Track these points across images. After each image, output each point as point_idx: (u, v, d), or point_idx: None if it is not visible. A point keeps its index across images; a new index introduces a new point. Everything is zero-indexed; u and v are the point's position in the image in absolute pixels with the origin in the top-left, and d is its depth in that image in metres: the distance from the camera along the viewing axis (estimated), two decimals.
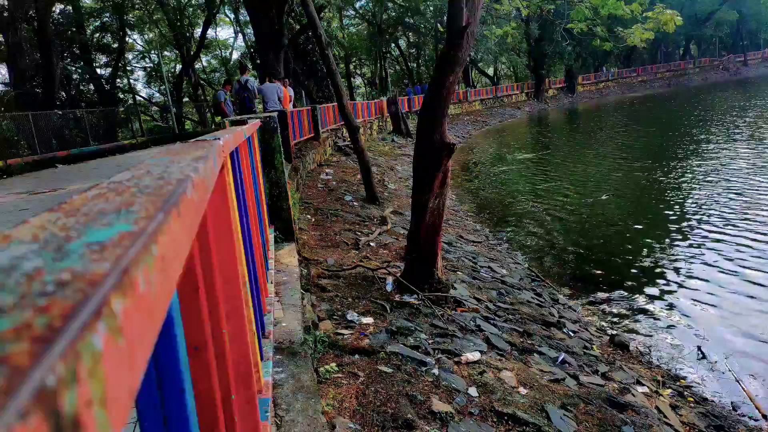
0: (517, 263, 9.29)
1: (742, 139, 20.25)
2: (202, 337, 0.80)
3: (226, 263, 1.27)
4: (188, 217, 0.48)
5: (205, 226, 0.97)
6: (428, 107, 5.68)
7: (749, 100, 36.37)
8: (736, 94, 42.22)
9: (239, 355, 1.32)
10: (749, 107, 31.53)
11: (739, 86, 51.50)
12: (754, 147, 18.36)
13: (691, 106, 39.29)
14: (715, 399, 4.99)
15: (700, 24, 69.14)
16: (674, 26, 16.22)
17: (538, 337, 5.41)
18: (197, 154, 0.80)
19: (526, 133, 36.28)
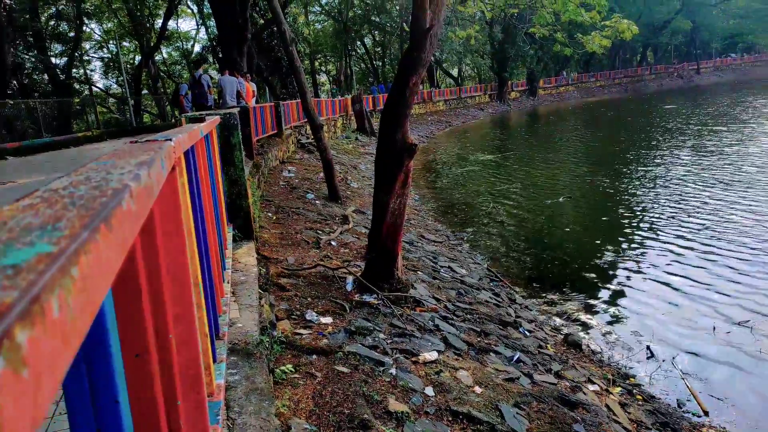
0: (476, 263, 9.42)
1: (686, 146, 21.04)
2: (143, 343, 0.79)
3: (176, 266, 1.25)
4: (122, 230, 0.48)
5: (152, 231, 0.95)
6: (391, 107, 5.70)
7: (698, 107, 37.77)
8: (687, 102, 43.79)
9: (188, 358, 1.30)
10: (696, 115, 32.76)
11: (691, 93, 53.44)
12: (696, 154, 19.10)
13: (646, 112, 40.57)
14: (662, 397, 5.18)
15: (656, 32, 71.46)
16: (631, 35, 16.79)
17: (495, 337, 5.51)
18: (142, 159, 0.79)
19: (488, 134, 36.78)
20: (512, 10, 19.46)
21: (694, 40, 79.73)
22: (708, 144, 20.74)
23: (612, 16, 17.41)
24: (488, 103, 52.97)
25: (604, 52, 45.79)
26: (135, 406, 0.78)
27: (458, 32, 30.09)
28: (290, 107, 16.68)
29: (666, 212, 11.94)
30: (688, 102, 43.30)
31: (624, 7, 47.95)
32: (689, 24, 72.62)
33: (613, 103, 52.72)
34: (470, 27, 30.73)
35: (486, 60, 55.82)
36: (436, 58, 47.90)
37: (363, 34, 47.49)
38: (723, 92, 50.02)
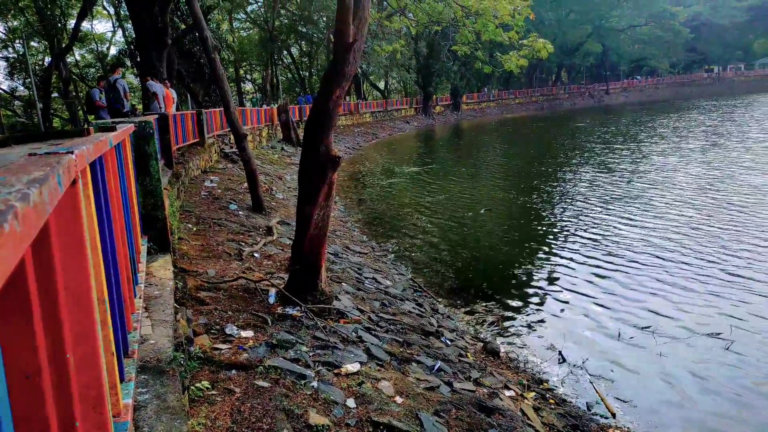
0: (401, 274, 9.55)
1: (590, 164, 22.41)
2: (35, 363, 0.76)
3: (76, 283, 1.21)
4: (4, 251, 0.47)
5: (47, 247, 0.92)
6: (315, 119, 5.71)
7: (605, 126, 40.30)
8: (596, 121, 46.60)
9: (90, 378, 1.26)
10: (602, 134, 34.95)
11: (601, 113, 56.96)
12: (599, 171, 20.38)
13: (560, 130, 42.82)
14: (572, 400, 5.45)
15: (570, 54, 75.83)
16: (546, 54, 17.71)
17: (417, 347, 5.60)
18: (35, 175, 0.76)
19: (414, 147, 37.48)
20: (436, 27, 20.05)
21: (604, 62, 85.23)
22: (609, 162, 22.17)
23: (529, 35, 18.36)
24: (414, 116, 54.03)
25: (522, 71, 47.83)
26: (25, 428, 0.75)
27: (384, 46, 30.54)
28: (213, 115, 16.26)
29: (575, 225, 12.63)
30: (597, 121, 46.09)
31: (540, 29, 50.49)
32: (599, 47, 77.62)
33: (530, 119, 55.26)
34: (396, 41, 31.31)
35: (412, 74, 56.96)
36: (362, 70, 48.35)
37: (290, 43, 47.16)
38: (628, 112, 53.65)
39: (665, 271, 9.00)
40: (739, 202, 13.25)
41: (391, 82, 65.44)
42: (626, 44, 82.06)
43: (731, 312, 7.30)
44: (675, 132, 31.55)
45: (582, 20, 73.17)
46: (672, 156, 22.17)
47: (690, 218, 12.21)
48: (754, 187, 15.01)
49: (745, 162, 19.19)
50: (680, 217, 12.40)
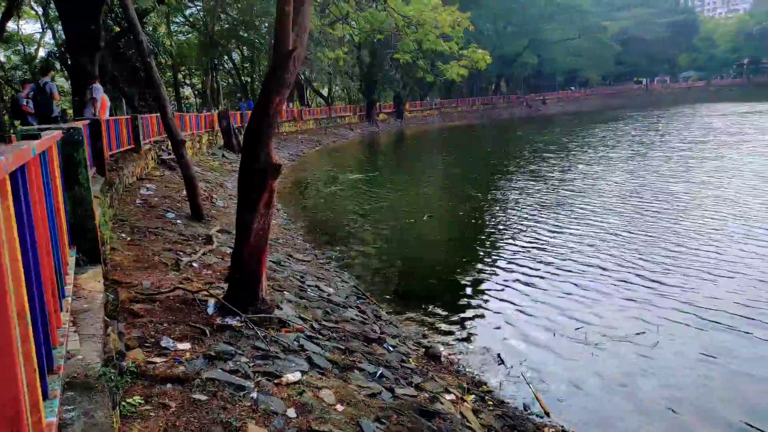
0: (344, 281, 9.55)
1: (525, 172, 23.21)
2: None
3: None
4: None
5: None
6: (254, 126, 5.65)
7: (540, 136, 41.79)
8: (532, 130, 48.26)
9: (7, 397, 1.21)
10: (537, 142, 36.23)
11: (536, 122, 59.00)
12: (534, 180, 21.14)
13: (499, 138, 44.08)
14: (510, 401, 5.61)
15: (508, 64, 78.22)
16: (485, 64, 18.23)
17: (360, 354, 5.62)
18: None
19: (358, 154, 37.60)
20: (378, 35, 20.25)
21: (540, 73, 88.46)
22: (541, 170, 23.00)
23: (469, 46, 18.84)
24: (358, 123, 54.17)
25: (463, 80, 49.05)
26: None
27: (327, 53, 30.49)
28: (149, 120, 15.76)
29: (511, 232, 13.02)
30: (534, 130, 47.74)
31: (480, 40, 51.85)
32: (536, 59, 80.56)
33: (471, 128, 56.55)
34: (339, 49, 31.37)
35: (355, 81, 57.20)
36: (305, 77, 48.12)
37: (231, 48, 46.34)
38: (562, 122, 55.85)
39: (594, 276, 9.40)
40: (658, 210, 14.01)
41: (335, 89, 65.44)
42: (560, 56, 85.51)
43: (655, 313, 7.70)
44: (602, 141, 33.06)
45: (519, 33, 75.70)
46: (598, 165, 23.21)
47: (612, 225, 12.78)
48: (671, 194, 15.96)
49: (665, 171, 20.34)
50: (604, 223, 12.95)
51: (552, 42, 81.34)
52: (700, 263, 9.61)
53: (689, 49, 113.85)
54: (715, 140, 29.48)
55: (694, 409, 5.47)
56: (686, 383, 5.92)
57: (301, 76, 44.83)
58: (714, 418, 5.31)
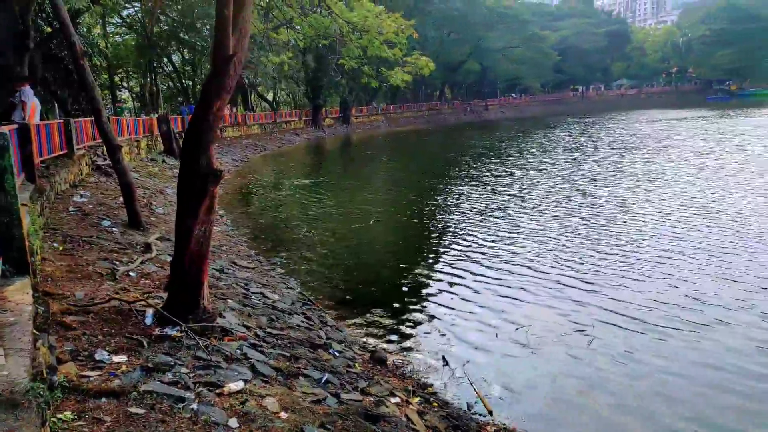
0: (290, 288, 9.45)
1: (468, 176, 23.74)
2: None
3: None
4: None
5: None
6: (194, 131, 5.53)
7: (482, 141, 42.77)
8: (475, 135, 49.30)
9: None
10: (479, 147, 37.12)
11: (480, 127, 60.29)
12: (475, 185, 21.65)
13: (444, 143, 44.81)
14: (454, 401, 5.71)
15: (452, 71, 79.69)
16: (429, 71, 18.54)
17: (305, 360, 5.58)
18: None
19: (304, 159, 37.33)
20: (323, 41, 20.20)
21: (483, 80, 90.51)
22: (483, 175, 23.55)
23: (413, 52, 19.08)
24: (304, 128, 53.77)
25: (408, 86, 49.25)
26: None
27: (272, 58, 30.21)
28: (83, 125, 15.11)
29: (455, 235, 13.27)
30: (476, 135, 48.77)
31: (424, 47, 52.62)
32: (479, 66, 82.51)
33: (417, 133, 57.20)
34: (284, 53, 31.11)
35: (301, 86, 56.79)
36: (250, 81, 47.37)
37: (170, 51, 45.08)
38: (503, 128, 57.29)
39: (532, 279, 9.70)
40: (589, 214, 14.56)
41: (280, 93, 64.71)
42: (502, 64, 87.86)
43: (589, 313, 8.03)
44: (539, 147, 34.14)
45: (462, 40, 77.33)
46: (534, 170, 23.92)
47: (547, 229, 13.21)
48: (601, 198, 16.67)
49: (596, 176, 21.21)
50: (539, 228, 13.36)
51: (494, 50, 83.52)
52: (628, 265, 10.09)
53: (622, 58, 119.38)
54: (643, 146, 30.97)
55: (625, 405, 5.73)
56: (618, 380, 6.18)
57: (245, 80, 44.12)
58: (643, 413, 5.58)
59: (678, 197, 16.09)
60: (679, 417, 5.41)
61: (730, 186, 17.49)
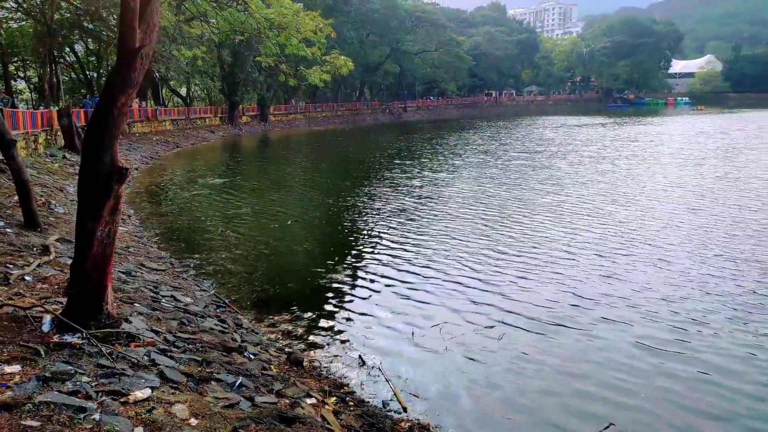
0: (203, 290, 9.17)
1: (383, 178, 24.10)
2: None
3: None
4: None
5: None
6: (97, 127, 5.23)
7: (401, 141, 43.47)
8: (392, 136, 49.95)
9: None
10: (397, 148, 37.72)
11: (398, 128, 61.14)
12: (392, 187, 22.03)
13: (363, 144, 45.07)
14: (370, 400, 5.77)
15: (371, 72, 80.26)
16: (347, 71, 18.57)
17: (218, 365, 5.44)
18: None
19: (219, 157, 36.22)
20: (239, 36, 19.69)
21: (401, 82, 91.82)
22: (396, 176, 24.02)
23: (332, 52, 19.03)
24: (219, 125, 52.15)
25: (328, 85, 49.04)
26: None
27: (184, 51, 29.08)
28: None
29: (371, 236, 13.42)
30: (394, 136, 49.41)
31: (344, 47, 52.68)
32: (397, 68, 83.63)
33: (336, 132, 57.11)
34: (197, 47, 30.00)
35: (216, 82, 55.04)
36: (161, 75, 45.31)
37: (73, 40, 42.18)
38: (420, 129, 58.39)
39: (446, 276, 10.02)
40: (496, 215, 15.17)
41: (194, 89, 62.35)
42: (420, 67, 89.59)
43: (500, 308, 8.40)
44: (452, 150, 35.08)
45: (381, 42, 78.13)
46: (446, 172, 24.50)
47: (458, 229, 13.61)
48: (504, 200, 17.45)
49: (501, 178, 22.15)
50: (450, 228, 13.76)
51: (412, 53, 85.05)
52: (529, 266, 10.57)
53: (531, 66, 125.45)
54: (547, 151, 32.62)
55: (534, 397, 6.05)
56: (527, 372, 6.52)
57: (156, 73, 42.17)
58: (551, 404, 5.93)
59: (574, 200, 17.06)
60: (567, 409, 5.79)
61: (622, 190, 18.80)
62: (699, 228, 13.17)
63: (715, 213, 14.76)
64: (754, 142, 35.04)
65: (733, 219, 13.98)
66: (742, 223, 13.45)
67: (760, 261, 10.47)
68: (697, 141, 36.62)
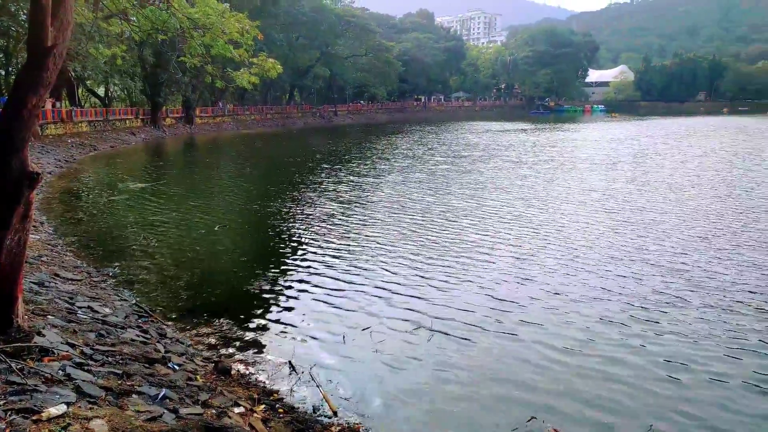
0: (123, 300, 8.79)
1: (312, 182, 24.06)
2: None
3: None
4: None
5: None
6: (5, 129, 4.92)
7: (330, 145, 43.40)
8: (323, 140, 49.79)
9: None
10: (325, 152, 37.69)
11: (329, 132, 61.01)
12: (322, 191, 22.03)
13: (294, 147, 44.67)
14: (300, 406, 5.75)
15: (301, 75, 79.62)
16: (276, 74, 18.31)
17: (140, 377, 5.25)
18: None
19: (141, 161, 34.74)
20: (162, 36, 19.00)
21: (332, 86, 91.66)
22: (325, 181, 24.03)
23: (260, 54, 18.72)
24: (141, 128, 49.97)
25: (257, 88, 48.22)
26: None
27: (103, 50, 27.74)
28: None
29: (299, 240, 13.36)
30: (324, 140, 49.25)
31: (273, 50, 52.03)
32: (327, 72, 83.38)
33: (266, 136, 56.19)
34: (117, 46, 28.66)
35: (137, 82, 52.75)
36: (77, 74, 42.92)
37: None
38: (351, 133, 58.58)
39: (374, 280, 10.12)
40: (417, 220, 15.38)
41: (113, 89, 59.43)
42: (350, 71, 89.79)
43: (425, 312, 8.55)
44: (380, 154, 35.35)
45: (311, 45, 77.66)
46: (371, 177, 24.58)
47: (382, 234, 13.74)
48: (428, 204, 17.78)
49: (426, 182, 22.53)
50: (375, 233, 13.87)
51: (342, 57, 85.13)
52: (456, 268, 10.89)
53: (459, 73, 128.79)
54: (471, 155, 33.54)
55: (459, 396, 6.24)
56: (453, 373, 6.70)
57: (72, 72, 39.89)
58: (476, 402, 6.13)
59: (495, 205, 17.57)
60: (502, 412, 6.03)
61: (540, 194, 19.57)
62: (610, 230, 13.96)
63: (624, 216, 15.64)
64: (661, 147, 37.60)
65: (641, 222, 14.91)
66: (648, 226, 14.38)
67: (665, 263, 11.24)
68: (610, 147, 38.80)
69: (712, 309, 8.64)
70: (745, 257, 11.42)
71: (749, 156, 31.75)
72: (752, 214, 15.89)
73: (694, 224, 14.53)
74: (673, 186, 21.06)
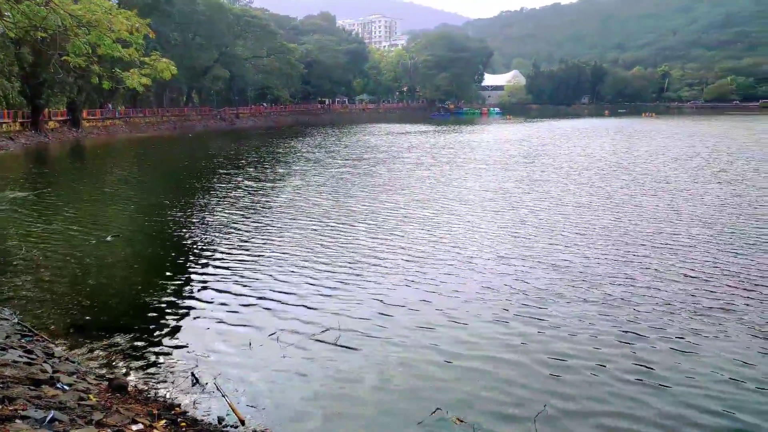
0: (4, 319, 8.07)
1: (212, 189, 23.41)
2: None
3: None
4: None
5: None
6: None
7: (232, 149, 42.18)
8: (225, 143, 48.25)
9: None
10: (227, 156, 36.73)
11: (231, 135, 59.24)
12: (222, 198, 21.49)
13: (190, 151, 42.98)
14: (204, 418, 5.59)
15: (199, 76, 76.68)
16: (170, 74, 17.53)
17: (24, 401, 4.87)
18: None
19: (22, 167, 31.89)
20: (41, 33, 17.60)
21: (232, 87, 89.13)
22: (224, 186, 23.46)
23: (153, 53, 17.83)
24: (21, 132, 45.85)
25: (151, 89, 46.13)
26: None
27: None
28: None
29: (202, 248, 12.92)
30: (225, 144, 47.73)
31: (167, 49, 49.78)
32: (227, 73, 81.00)
33: (162, 140, 53.60)
34: None
35: (15, 83, 48.36)
36: None
37: None
38: (253, 136, 57.14)
39: (278, 285, 10.04)
40: (316, 224, 15.32)
41: None
42: (251, 73, 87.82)
43: (335, 313, 8.62)
44: (281, 158, 34.69)
45: (208, 45, 75.02)
46: (270, 182, 24.11)
47: (282, 239, 13.63)
48: (328, 208, 17.69)
49: (325, 187, 22.36)
50: (275, 238, 13.74)
51: (243, 58, 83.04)
52: (351, 272, 10.91)
53: (362, 75, 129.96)
54: (372, 158, 33.71)
55: (366, 397, 6.35)
56: (360, 375, 6.77)
57: None
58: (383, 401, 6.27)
59: (391, 207, 17.81)
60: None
61: (436, 195, 20.02)
62: (502, 230, 14.58)
63: (516, 216, 16.36)
64: (550, 149, 40.08)
65: (531, 220, 15.73)
66: (537, 224, 15.19)
67: (552, 261, 11.95)
68: (504, 148, 40.70)
69: (589, 303, 9.29)
70: (620, 252, 12.45)
71: (626, 155, 34.62)
72: (625, 209, 17.40)
73: (577, 221, 15.63)
74: (559, 184, 22.52)
